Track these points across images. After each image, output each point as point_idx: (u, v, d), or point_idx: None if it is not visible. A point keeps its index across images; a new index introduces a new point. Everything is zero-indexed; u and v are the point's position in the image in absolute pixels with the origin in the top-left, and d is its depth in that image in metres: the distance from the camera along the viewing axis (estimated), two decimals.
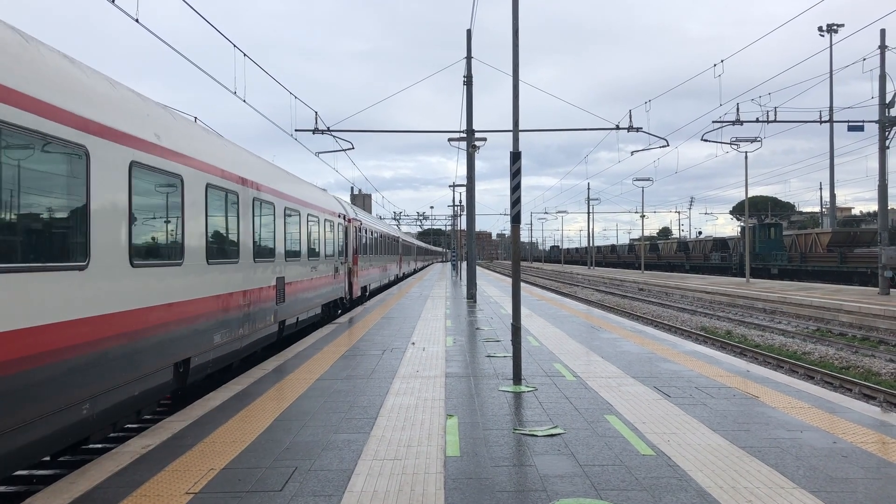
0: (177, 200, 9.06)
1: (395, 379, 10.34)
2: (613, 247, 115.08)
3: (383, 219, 73.98)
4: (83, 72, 7.37)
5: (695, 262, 72.55)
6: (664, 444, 6.84)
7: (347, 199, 75.79)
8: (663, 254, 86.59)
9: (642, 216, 72.85)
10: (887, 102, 29.00)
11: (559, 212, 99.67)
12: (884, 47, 29.48)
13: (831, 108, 32.71)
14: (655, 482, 5.70)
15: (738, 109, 29.18)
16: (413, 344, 14.18)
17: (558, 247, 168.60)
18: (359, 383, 10.01)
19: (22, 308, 5.78)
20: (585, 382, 10.02)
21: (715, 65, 25.46)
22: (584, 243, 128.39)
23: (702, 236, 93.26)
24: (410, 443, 6.91)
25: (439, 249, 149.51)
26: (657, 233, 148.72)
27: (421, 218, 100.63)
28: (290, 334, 16.44)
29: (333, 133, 25.61)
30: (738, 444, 6.83)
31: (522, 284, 41.98)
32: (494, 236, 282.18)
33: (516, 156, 10.48)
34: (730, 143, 33.43)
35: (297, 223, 15.68)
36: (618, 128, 26.29)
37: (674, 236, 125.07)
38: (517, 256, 10.75)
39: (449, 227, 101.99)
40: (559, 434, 7.23)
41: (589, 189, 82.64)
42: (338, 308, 22.10)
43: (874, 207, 68.01)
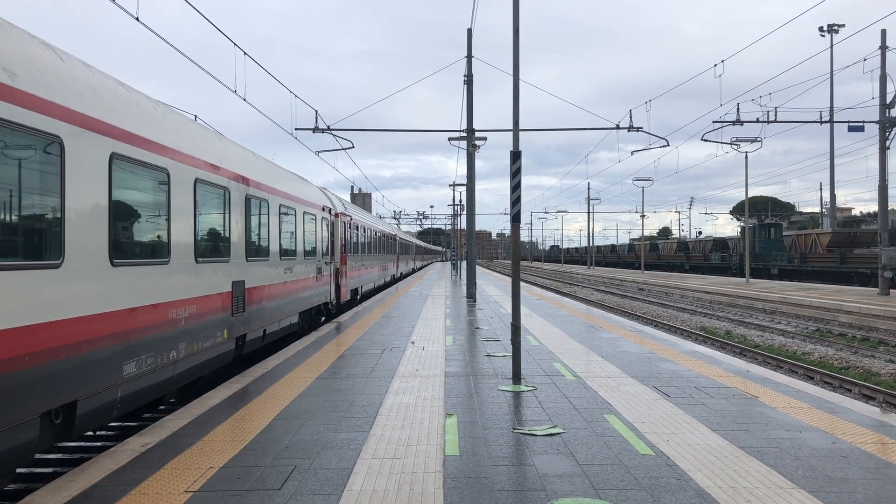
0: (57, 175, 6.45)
1: (395, 378, 10.34)
2: (613, 247, 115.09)
3: (383, 217, 73.59)
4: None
5: (695, 262, 72.55)
6: (663, 443, 6.83)
7: (347, 197, 75.22)
8: (663, 254, 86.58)
9: (642, 216, 72.87)
10: (888, 103, 28.99)
11: (559, 211, 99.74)
12: (884, 48, 29.48)
13: (832, 108, 32.73)
14: (654, 482, 5.70)
15: (738, 109, 29.19)
16: (413, 343, 14.18)
17: (558, 246, 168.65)
18: (358, 382, 10.00)
19: None
20: (585, 382, 10.02)
21: (715, 65, 25.47)
22: (584, 243, 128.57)
23: (702, 236, 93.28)
24: (410, 442, 6.91)
25: (439, 249, 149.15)
26: (657, 233, 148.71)
27: (421, 217, 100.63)
28: (255, 350, 13.70)
29: (333, 132, 25.60)
30: (738, 443, 6.82)
31: (522, 284, 42.00)
32: (494, 236, 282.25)
33: (516, 155, 10.48)
34: (730, 143, 33.44)
35: (265, 215, 13.03)
36: (618, 127, 26.28)
37: (674, 236, 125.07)
38: (517, 256, 10.74)
39: (449, 227, 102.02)
40: (558, 433, 7.22)
41: (589, 189, 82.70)
42: (321, 315, 19.69)
43: (874, 208, 68.05)
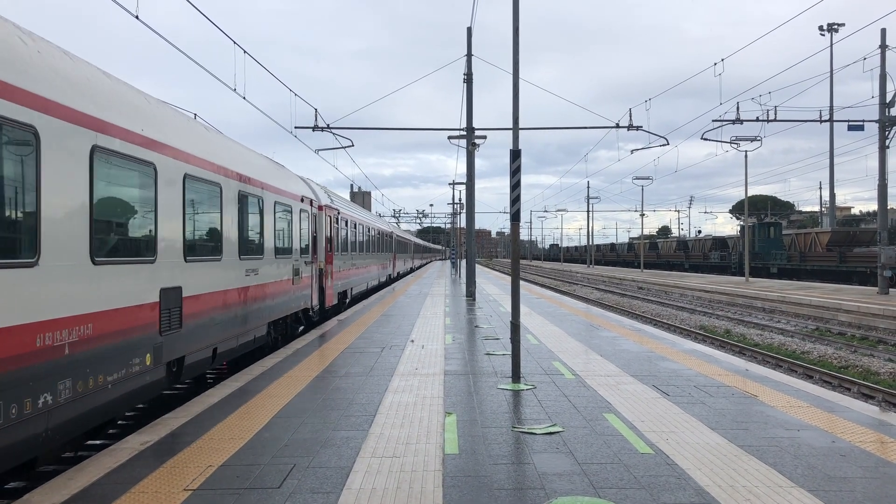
0: None
1: (394, 376, 10.34)
2: (613, 245, 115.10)
3: (382, 216, 73.15)
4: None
5: (694, 261, 72.56)
6: (663, 442, 6.84)
7: (347, 196, 74.62)
8: (663, 253, 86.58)
9: (642, 215, 72.85)
10: (887, 102, 28.99)
11: (559, 210, 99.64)
12: (884, 47, 29.47)
13: (831, 107, 32.70)
14: (654, 481, 5.70)
15: (738, 108, 29.18)
16: (412, 341, 14.18)
17: (558, 245, 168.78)
18: (358, 380, 10.00)
19: None
20: (584, 381, 10.02)
21: (715, 64, 25.46)
22: (584, 242, 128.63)
23: (701, 235, 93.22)
24: (409, 440, 6.91)
25: (438, 247, 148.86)
26: (657, 231, 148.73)
27: (420, 216, 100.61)
28: (198, 376, 11.69)
29: (333, 130, 25.59)
30: (737, 442, 6.83)
31: (522, 283, 42.01)
32: (494, 234, 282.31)
33: (516, 154, 10.47)
34: (730, 142, 33.44)
35: (216, 204, 10.55)
36: (618, 126, 26.28)
37: (673, 235, 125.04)
38: (516, 254, 10.74)
39: (448, 225, 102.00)
40: (558, 432, 7.22)
41: (588, 187, 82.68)
42: (300, 323, 16.95)
43: (873, 207, 68.05)
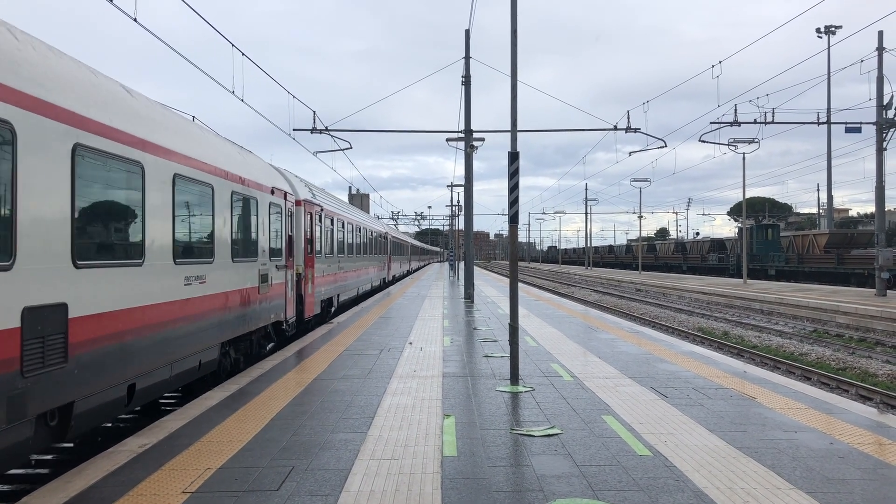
0: None
1: (393, 379, 10.34)
2: (611, 247, 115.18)
3: (381, 218, 72.72)
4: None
5: (692, 263, 72.61)
6: (661, 444, 6.84)
7: (345, 197, 74.25)
8: (661, 254, 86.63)
9: (640, 217, 72.95)
10: (884, 104, 29.05)
11: (557, 212, 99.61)
12: (881, 49, 29.54)
13: (829, 109, 32.80)
14: (652, 483, 5.71)
15: (735, 111, 29.24)
16: (410, 344, 14.17)
17: (556, 247, 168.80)
18: (356, 383, 10.00)
19: None
20: (583, 383, 10.02)
21: (713, 66, 25.51)
22: (582, 244, 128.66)
23: (699, 237, 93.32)
24: (407, 443, 6.90)
25: (436, 249, 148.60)
26: (655, 233, 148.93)
27: (419, 218, 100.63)
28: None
29: (331, 132, 25.61)
30: (735, 444, 6.83)
31: (520, 285, 42.08)
32: (492, 236, 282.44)
33: (514, 156, 10.48)
34: (727, 144, 33.47)
35: (134, 190, 7.99)
36: (616, 128, 26.32)
37: (671, 237, 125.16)
38: (515, 256, 10.74)
39: (447, 227, 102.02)
40: (556, 434, 7.22)
41: (587, 190, 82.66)
42: (270, 339, 14.33)
43: (871, 209, 68.15)
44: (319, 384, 9.90)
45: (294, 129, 24.55)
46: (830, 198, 61.25)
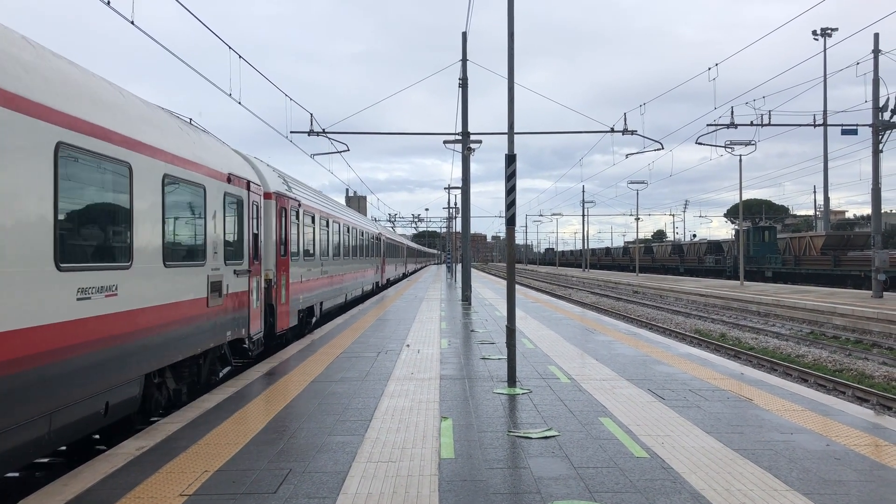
0: None
1: (390, 381, 10.34)
2: (608, 249, 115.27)
3: (378, 220, 72.29)
4: None
5: (689, 265, 72.69)
6: (658, 446, 6.85)
7: (342, 200, 73.61)
8: (658, 256, 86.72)
9: (637, 219, 73.09)
10: (880, 106, 29.14)
11: (554, 214, 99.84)
12: (877, 51, 29.62)
13: (825, 111, 32.90)
14: (649, 484, 5.71)
15: (732, 113, 29.32)
16: (408, 346, 14.17)
17: (553, 249, 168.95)
18: (353, 385, 10.00)
19: None
20: (580, 385, 10.03)
21: (709, 68, 25.58)
22: (579, 246, 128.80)
23: (696, 239, 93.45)
24: (405, 445, 6.91)
25: (433, 251, 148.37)
26: (652, 235, 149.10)
27: (416, 220, 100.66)
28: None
29: (329, 135, 25.63)
30: (732, 446, 6.84)
31: (517, 287, 42.16)
32: (489, 238, 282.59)
33: (511, 158, 10.50)
34: (724, 147, 33.53)
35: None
36: (612, 131, 26.38)
37: (668, 239, 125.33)
38: (512, 259, 10.76)
39: (444, 230, 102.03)
40: (553, 436, 7.23)
41: (584, 192, 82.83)
42: (226, 362, 11.62)
43: (868, 211, 68.31)
44: (317, 387, 9.89)
45: (291, 132, 24.57)
46: (827, 200, 61.41)
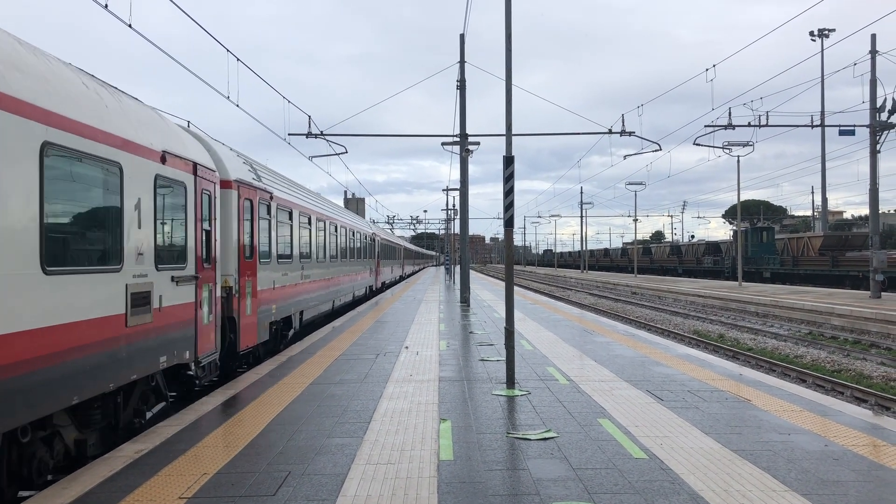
0: None
1: (389, 383, 10.34)
2: (606, 250, 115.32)
3: (376, 222, 71.96)
4: None
5: (687, 266, 72.74)
6: (657, 447, 6.86)
7: (340, 202, 73.35)
8: (656, 257, 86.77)
9: (635, 220, 73.16)
10: (878, 107, 29.18)
11: (552, 216, 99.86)
12: (874, 52, 29.67)
13: (823, 112, 32.96)
14: (648, 485, 5.72)
15: (730, 114, 29.35)
16: (407, 348, 14.18)
17: (551, 250, 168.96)
18: (352, 387, 10.00)
19: None
20: (578, 386, 10.04)
21: (707, 69, 25.60)
22: (578, 247, 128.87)
23: (694, 240, 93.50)
24: (404, 447, 6.91)
25: (431, 253, 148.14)
26: (650, 236, 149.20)
27: (414, 222, 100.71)
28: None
29: (327, 137, 25.64)
30: (731, 447, 6.85)
31: (516, 288, 42.13)
32: (488, 240, 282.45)
33: (509, 160, 10.51)
34: (722, 147, 33.55)
35: None
36: (610, 132, 26.42)
37: (666, 240, 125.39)
38: (510, 260, 10.77)
39: (442, 231, 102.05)
40: (552, 438, 7.24)
41: (582, 193, 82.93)
42: (160, 396, 9.17)
43: (865, 211, 68.43)
44: (315, 389, 9.89)
45: (289, 134, 24.59)
46: (825, 200, 61.55)
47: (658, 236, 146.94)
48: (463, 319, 20.65)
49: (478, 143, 26.47)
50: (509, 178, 10.47)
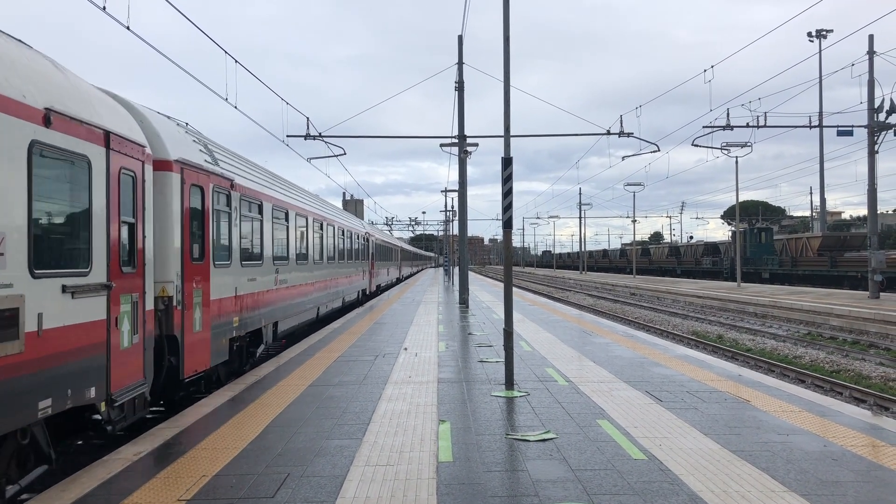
0: None
1: (388, 384, 10.34)
2: (605, 251, 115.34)
3: (375, 223, 71.55)
4: None
5: (686, 267, 72.76)
6: (656, 448, 6.86)
7: (339, 204, 73.03)
8: (655, 258, 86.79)
9: (634, 221, 73.15)
10: (876, 107, 29.21)
11: (551, 217, 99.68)
12: (872, 52, 29.71)
13: (821, 113, 32.95)
14: (647, 486, 5.72)
15: (728, 114, 29.35)
16: (405, 349, 14.17)
17: (550, 252, 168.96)
18: (351, 389, 9.99)
19: None
20: (577, 387, 10.03)
21: (705, 70, 25.62)
22: (576, 248, 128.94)
23: (693, 241, 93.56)
24: (403, 448, 6.91)
25: (430, 254, 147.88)
26: (649, 237, 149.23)
27: (413, 223, 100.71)
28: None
29: (325, 138, 25.63)
30: (730, 447, 6.85)
31: (515, 289, 42.03)
32: (487, 241, 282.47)
33: (508, 161, 10.51)
34: (720, 148, 33.58)
35: None
36: (609, 133, 26.42)
37: (665, 241, 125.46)
38: (509, 261, 10.77)
39: (441, 233, 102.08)
40: (551, 439, 7.24)
41: (580, 194, 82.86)
42: (42, 458, 6.40)
43: (864, 212, 68.46)
44: (314, 390, 9.88)
45: (288, 136, 24.59)
46: (823, 201, 61.56)
47: (657, 237, 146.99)
48: (462, 321, 20.64)
49: (476, 145, 26.48)
50: (508, 180, 10.47)
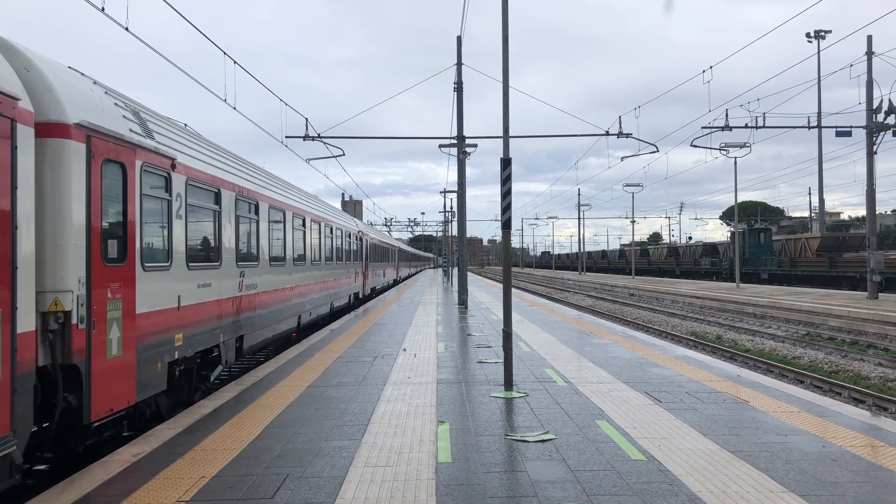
0: None
1: (387, 385, 10.33)
2: (604, 252, 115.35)
3: (373, 224, 71.43)
4: None
5: (685, 268, 72.78)
6: (655, 449, 6.86)
7: (338, 204, 72.97)
8: (654, 259, 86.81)
9: (633, 222, 73.13)
10: (874, 108, 29.24)
11: (550, 217, 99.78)
12: (870, 53, 29.75)
13: (819, 113, 33.01)
14: (646, 487, 5.72)
15: (726, 115, 29.37)
16: (404, 350, 14.17)
17: (549, 252, 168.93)
18: (350, 390, 9.99)
19: None
20: (577, 388, 10.04)
21: (704, 71, 25.65)
22: (575, 249, 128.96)
23: (692, 241, 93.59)
24: (402, 449, 6.91)
25: (429, 255, 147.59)
26: (647, 238, 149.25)
27: (412, 224, 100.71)
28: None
29: (324, 139, 25.63)
30: (729, 448, 6.86)
31: (514, 290, 41.96)
32: (486, 242, 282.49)
33: (507, 162, 10.52)
34: (719, 149, 33.59)
35: None
36: (608, 134, 26.44)
37: (664, 241, 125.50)
38: (508, 262, 10.77)
39: (440, 233, 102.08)
40: (550, 439, 7.24)
41: (579, 195, 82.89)
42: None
43: (862, 212, 68.54)
44: (313, 391, 9.88)
45: (286, 137, 24.60)
46: (822, 201, 61.61)
47: (656, 238, 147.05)
48: (461, 322, 20.64)
49: (475, 146, 26.48)
50: (507, 180, 10.47)
